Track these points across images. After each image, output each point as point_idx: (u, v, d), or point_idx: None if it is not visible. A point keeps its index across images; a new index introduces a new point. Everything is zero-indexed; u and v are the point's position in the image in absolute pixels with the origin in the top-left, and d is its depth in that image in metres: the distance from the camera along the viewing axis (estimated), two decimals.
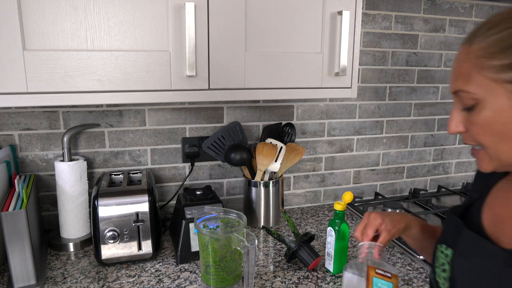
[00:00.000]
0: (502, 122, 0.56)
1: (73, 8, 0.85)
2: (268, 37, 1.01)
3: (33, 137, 1.21)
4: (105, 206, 1.04)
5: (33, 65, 0.84)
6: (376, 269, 0.70)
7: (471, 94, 0.58)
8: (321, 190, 1.57)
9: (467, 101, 0.59)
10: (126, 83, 0.91)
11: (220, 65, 0.97)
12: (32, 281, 0.97)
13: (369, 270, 0.70)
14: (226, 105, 1.37)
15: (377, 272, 0.70)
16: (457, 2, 1.57)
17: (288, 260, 1.10)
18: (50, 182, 1.25)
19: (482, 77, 0.56)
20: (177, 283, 1.01)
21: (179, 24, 0.92)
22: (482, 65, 0.56)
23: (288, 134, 1.39)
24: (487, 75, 0.56)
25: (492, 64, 0.55)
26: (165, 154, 1.34)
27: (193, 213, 1.11)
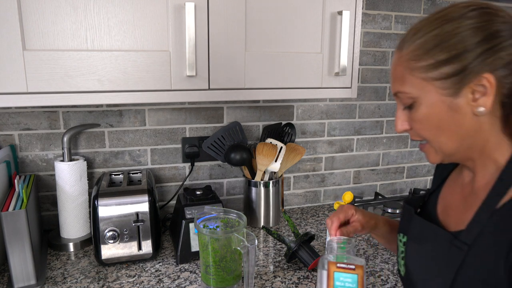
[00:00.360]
0: (437, 116, 0.62)
1: (73, 8, 0.85)
2: (268, 37, 1.01)
3: (33, 137, 1.21)
4: (105, 206, 1.04)
5: (33, 65, 0.84)
6: (337, 264, 0.69)
7: (407, 94, 0.65)
8: (321, 190, 1.57)
9: (405, 100, 0.66)
10: (126, 83, 0.91)
11: (220, 65, 0.97)
12: (32, 281, 0.97)
13: (330, 266, 0.69)
14: (226, 105, 1.37)
15: (338, 267, 0.69)
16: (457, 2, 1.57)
17: (288, 260, 1.10)
18: (50, 182, 1.25)
19: (414, 77, 0.63)
20: (177, 283, 1.01)
21: (179, 24, 0.92)
22: (412, 67, 0.63)
23: (288, 134, 1.39)
24: (417, 75, 0.62)
25: (420, 65, 0.62)
26: (165, 154, 1.34)
27: (193, 213, 1.11)
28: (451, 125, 0.62)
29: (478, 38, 0.58)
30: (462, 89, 0.59)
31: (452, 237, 0.63)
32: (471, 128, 0.62)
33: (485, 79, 0.58)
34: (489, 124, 0.61)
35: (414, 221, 0.73)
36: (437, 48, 0.60)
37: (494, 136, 0.62)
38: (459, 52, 0.59)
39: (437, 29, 0.61)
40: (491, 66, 0.58)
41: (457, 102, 0.60)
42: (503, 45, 0.58)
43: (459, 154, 0.65)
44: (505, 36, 0.58)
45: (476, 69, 0.58)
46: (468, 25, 0.59)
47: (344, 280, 0.68)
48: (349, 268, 0.68)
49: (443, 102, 0.61)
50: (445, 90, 0.61)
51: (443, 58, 0.60)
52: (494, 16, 0.59)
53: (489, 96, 0.59)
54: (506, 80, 0.59)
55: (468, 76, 0.59)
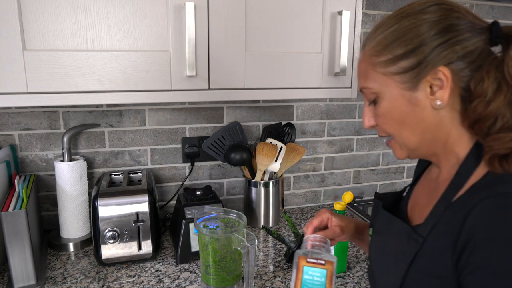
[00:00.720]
0: (398, 110, 0.64)
1: (73, 8, 0.85)
2: (268, 37, 1.00)
3: (33, 137, 1.21)
4: (105, 206, 1.04)
5: (33, 65, 0.84)
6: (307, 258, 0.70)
7: (370, 89, 0.66)
8: (321, 190, 1.57)
9: (369, 96, 0.67)
10: (126, 83, 0.91)
11: (220, 65, 0.97)
12: (32, 281, 0.97)
13: (300, 260, 0.70)
14: (226, 105, 1.37)
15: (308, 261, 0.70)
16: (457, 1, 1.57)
17: (288, 260, 1.10)
18: (50, 182, 1.25)
19: (375, 72, 0.64)
20: (177, 283, 1.01)
21: (179, 24, 0.92)
22: (374, 63, 0.64)
23: (288, 134, 1.39)
24: (378, 70, 0.64)
25: (380, 60, 0.63)
26: (165, 154, 1.34)
27: (193, 213, 1.11)
28: (412, 119, 0.63)
29: (434, 32, 0.59)
30: (420, 82, 0.61)
31: (411, 230, 0.64)
32: (432, 122, 0.62)
33: (441, 72, 0.59)
34: (449, 118, 0.62)
35: (380, 215, 0.74)
36: (395, 43, 0.61)
37: (455, 130, 0.63)
38: (415, 46, 0.60)
39: (395, 25, 0.62)
40: (447, 59, 0.59)
41: (416, 96, 0.61)
42: (458, 39, 0.59)
43: (422, 148, 0.66)
44: (460, 30, 0.59)
45: (432, 62, 0.59)
46: (424, 19, 0.60)
47: (312, 274, 0.68)
48: (319, 263, 0.69)
49: (403, 96, 0.62)
50: (404, 84, 0.62)
51: (400, 52, 0.61)
52: (450, 11, 0.60)
53: (445, 89, 0.60)
54: (463, 74, 0.59)
55: (424, 69, 0.60)
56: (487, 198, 0.54)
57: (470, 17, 0.61)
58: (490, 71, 0.58)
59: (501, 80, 0.57)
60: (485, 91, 0.57)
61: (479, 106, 0.58)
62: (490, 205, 0.53)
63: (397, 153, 0.69)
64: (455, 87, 0.60)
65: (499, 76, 0.57)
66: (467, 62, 0.59)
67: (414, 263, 0.62)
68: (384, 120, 0.66)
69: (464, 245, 0.54)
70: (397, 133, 0.66)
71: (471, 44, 0.59)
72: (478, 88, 0.58)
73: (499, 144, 0.56)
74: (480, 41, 0.59)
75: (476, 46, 0.59)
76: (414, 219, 0.70)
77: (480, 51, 0.59)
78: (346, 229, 0.84)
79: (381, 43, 0.63)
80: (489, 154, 0.57)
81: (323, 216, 0.84)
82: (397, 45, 0.61)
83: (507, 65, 0.56)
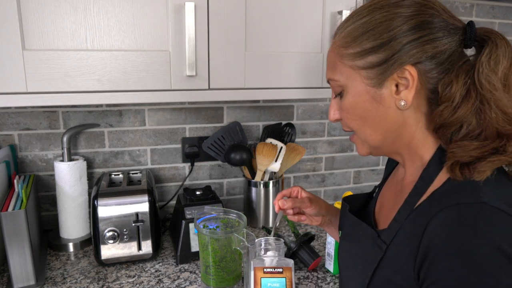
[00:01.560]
0: (362, 106, 0.61)
1: (73, 8, 0.85)
2: (268, 37, 1.00)
3: (32, 137, 1.21)
4: (105, 206, 1.04)
5: (32, 65, 0.84)
6: (263, 269, 0.67)
7: (337, 82, 0.63)
8: (321, 190, 1.57)
9: (336, 88, 0.64)
10: (126, 83, 0.91)
11: (220, 65, 0.97)
12: (32, 281, 0.97)
13: (256, 272, 0.67)
14: (226, 105, 1.37)
15: (265, 272, 0.67)
16: (458, 1, 1.57)
17: None
18: (50, 182, 1.25)
19: (343, 65, 0.61)
20: (177, 283, 1.01)
21: (179, 24, 0.92)
22: (342, 54, 0.61)
23: (288, 134, 1.39)
24: (346, 63, 0.61)
25: (348, 52, 0.60)
26: (165, 154, 1.34)
27: (193, 213, 1.10)
28: (375, 117, 0.60)
29: (405, 28, 0.56)
30: (386, 80, 0.58)
31: (376, 235, 0.62)
32: (395, 122, 0.60)
33: (408, 72, 0.56)
34: (414, 119, 0.59)
35: (347, 218, 0.72)
36: (364, 36, 0.58)
37: (419, 132, 0.60)
38: (384, 41, 0.56)
39: (367, 16, 0.59)
40: (415, 58, 0.55)
41: (380, 93, 0.59)
42: (429, 38, 0.55)
43: (385, 147, 0.63)
44: (432, 28, 0.56)
45: (400, 60, 0.56)
46: (396, 13, 0.56)
47: (271, 286, 0.66)
48: (276, 271, 0.67)
49: (368, 93, 0.59)
50: (369, 80, 0.59)
51: (369, 46, 0.58)
52: (425, 8, 0.57)
53: (410, 89, 0.57)
54: (430, 75, 0.57)
55: (391, 67, 0.56)
56: (446, 208, 0.51)
57: (446, 15, 0.58)
58: (460, 75, 0.55)
59: (470, 86, 0.54)
60: (452, 95, 0.55)
61: (446, 111, 0.55)
62: (448, 216, 0.50)
63: (359, 149, 0.67)
64: (421, 88, 0.57)
65: (468, 82, 0.54)
66: (436, 63, 0.56)
67: (377, 271, 0.59)
68: (348, 115, 0.64)
69: (423, 257, 0.51)
70: (359, 129, 0.64)
71: (442, 44, 0.56)
72: (446, 92, 0.55)
73: (462, 151, 0.53)
74: (452, 42, 0.56)
75: (447, 47, 0.56)
76: (380, 222, 0.68)
77: (451, 52, 0.56)
78: (315, 203, 0.84)
79: (351, 35, 0.60)
80: (451, 161, 0.54)
81: (293, 189, 0.86)
82: (366, 38, 0.58)
83: (478, 71, 0.53)
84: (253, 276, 0.67)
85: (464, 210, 0.50)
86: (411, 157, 0.63)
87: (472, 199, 0.50)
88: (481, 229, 0.47)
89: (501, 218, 0.48)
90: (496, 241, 0.46)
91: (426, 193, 0.57)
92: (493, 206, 0.49)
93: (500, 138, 0.53)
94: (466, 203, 0.50)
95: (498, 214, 0.48)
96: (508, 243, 0.46)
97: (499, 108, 0.53)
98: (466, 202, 0.50)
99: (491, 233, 0.47)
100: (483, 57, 0.53)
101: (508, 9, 1.65)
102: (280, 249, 0.73)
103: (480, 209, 0.49)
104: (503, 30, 1.66)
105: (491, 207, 0.49)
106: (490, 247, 0.46)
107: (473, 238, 0.47)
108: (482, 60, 0.53)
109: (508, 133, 0.53)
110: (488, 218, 0.48)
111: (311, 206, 0.83)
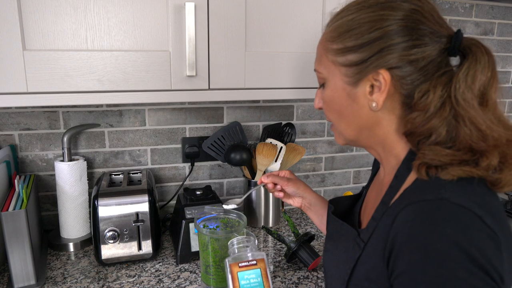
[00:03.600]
0: (338, 101, 0.63)
1: (73, 8, 0.85)
2: (268, 37, 1.00)
3: (33, 137, 1.21)
4: (105, 206, 1.04)
5: (33, 65, 0.84)
6: (238, 264, 0.72)
7: (320, 74, 0.66)
8: (321, 190, 1.57)
9: (320, 80, 0.67)
10: (126, 83, 0.91)
11: (220, 65, 0.97)
12: (32, 281, 0.97)
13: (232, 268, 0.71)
14: (226, 105, 1.37)
15: (240, 266, 0.71)
16: (457, 2, 1.57)
17: (288, 260, 1.10)
18: (50, 182, 1.25)
19: (327, 59, 0.63)
20: (177, 283, 1.01)
21: (179, 24, 0.92)
22: (327, 48, 0.63)
23: (288, 134, 1.39)
24: (329, 57, 0.62)
25: (332, 47, 0.61)
26: (165, 154, 1.34)
27: (193, 213, 1.11)
28: (349, 114, 0.62)
29: (387, 31, 0.56)
30: (361, 80, 0.59)
31: (356, 234, 0.63)
32: (369, 121, 0.61)
33: (381, 75, 0.57)
34: (388, 121, 0.60)
35: (330, 219, 0.73)
36: (347, 34, 0.59)
37: (392, 133, 0.61)
38: (364, 42, 0.57)
39: (353, 14, 0.59)
40: (390, 63, 0.56)
41: (355, 92, 0.60)
42: (410, 44, 0.55)
43: (360, 142, 0.65)
44: (415, 35, 0.55)
45: (375, 63, 0.57)
46: (381, 15, 0.57)
47: (248, 278, 0.71)
48: (251, 264, 0.72)
49: (344, 90, 0.61)
50: (347, 78, 0.60)
51: (350, 45, 0.59)
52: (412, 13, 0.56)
53: (382, 93, 0.57)
54: (406, 81, 0.57)
55: (367, 68, 0.57)
56: (409, 204, 0.52)
57: (433, 21, 0.57)
58: (438, 86, 0.55)
59: (446, 99, 0.54)
60: (427, 106, 0.55)
61: (418, 119, 0.56)
62: (410, 212, 0.51)
63: (336, 139, 0.70)
64: (395, 93, 0.58)
65: (445, 95, 0.54)
66: (415, 69, 0.56)
67: (356, 268, 0.61)
68: (327, 107, 0.67)
69: (390, 251, 0.53)
70: (335, 122, 0.67)
71: (423, 51, 0.55)
72: (422, 100, 0.55)
73: (432, 154, 0.54)
74: (434, 50, 0.56)
75: (428, 54, 0.55)
76: (364, 221, 0.69)
77: (431, 60, 0.56)
78: (292, 182, 0.90)
79: (336, 30, 0.61)
80: (419, 161, 0.55)
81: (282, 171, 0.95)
82: (349, 36, 0.59)
83: (455, 87, 0.53)
84: (230, 273, 0.72)
85: (424, 206, 0.51)
86: (386, 156, 0.64)
87: (433, 195, 0.51)
88: (439, 224, 0.48)
89: (460, 213, 0.49)
90: (453, 236, 0.47)
91: (399, 191, 0.58)
92: (453, 202, 0.49)
93: (472, 152, 0.53)
94: (427, 199, 0.51)
95: (457, 210, 0.49)
96: (466, 239, 0.47)
97: (474, 125, 0.53)
98: (427, 199, 0.51)
99: (448, 229, 0.48)
100: (461, 73, 0.53)
101: (507, 10, 1.65)
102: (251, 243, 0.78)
103: (440, 205, 0.50)
104: (502, 30, 1.67)
105: (451, 203, 0.49)
106: (447, 242, 0.47)
107: (431, 234, 0.48)
108: (460, 77, 0.53)
109: (481, 149, 0.53)
110: (447, 214, 0.49)
111: (288, 185, 0.90)
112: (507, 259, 0.49)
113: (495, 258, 0.47)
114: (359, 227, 0.69)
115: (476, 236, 0.48)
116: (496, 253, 0.48)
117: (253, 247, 0.77)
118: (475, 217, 0.48)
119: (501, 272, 0.47)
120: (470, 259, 0.46)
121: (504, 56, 1.70)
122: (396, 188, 0.59)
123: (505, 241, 0.50)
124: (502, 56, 1.70)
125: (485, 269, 0.46)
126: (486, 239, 0.48)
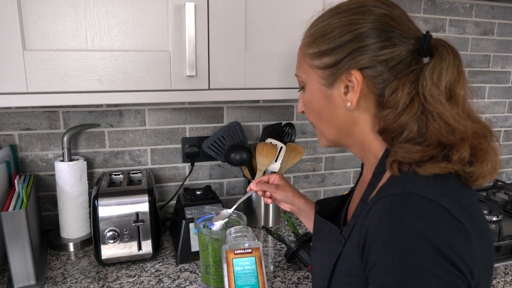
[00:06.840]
0: (317, 103, 0.66)
1: (73, 8, 0.85)
2: (268, 37, 1.01)
3: (33, 137, 1.21)
4: (105, 206, 1.04)
5: (33, 65, 0.84)
6: (234, 251, 0.74)
7: (300, 78, 0.69)
8: (321, 190, 1.57)
9: (300, 84, 0.70)
10: (126, 83, 0.91)
11: (220, 65, 0.97)
12: (32, 281, 0.97)
13: (228, 254, 0.74)
14: (226, 105, 1.37)
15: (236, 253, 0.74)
16: (457, 2, 1.57)
17: (288, 260, 1.10)
18: (50, 182, 1.25)
19: (305, 63, 0.67)
20: (177, 283, 1.01)
21: (179, 24, 0.92)
22: (304, 53, 0.66)
23: (288, 134, 1.39)
24: (307, 61, 0.66)
25: (309, 52, 0.65)
26: (165, 154, 1.34)
27: (193, 213, 1.11)
28: (327, 115, 0.65)
29: (357, 34, 0.59)
30: (336, 81, 0.62)
31: (338, 232, 0.65)
32: (346, 121, 0.64)
33: (354, 76, 0.59)
34: (363, 120, 0.63)
35: (316, 219, 0.75)
36: (322, 38, 0.63)
37: (369, 132, 0.63)
38: (336, 45, 0.60)
39: (327, 20, 0.63)
40: (362, 64, 0.59)
41: (331, 93, 0.63)
42: (380, 45, 0.58)
43: (341, 141, 0.68)
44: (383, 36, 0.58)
45: (347, 64, 0.60)
46: (352, 20, 0.60)
47: (242, 264, 0.73)
48: (246, 252, 0.74)
49: (321, 91, 0.65)
50: (323, 80, 0.63)
51: (324, 48, 0.62)
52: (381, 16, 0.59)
53: (355, 93, 0.60)
54: (376, 80, 0.59)
55: (340, 69, 0.61)
56: (380, 199, 0.54)
57: (402, 24, 0.60)
58: (406, 84, 0.57)
59: (414, 96, 0.56)
60: (397, 103, 0.57)
61: (389, 116, 0.58)
62: (380, 206, 0.54)
63: (319, 140, 0.72)
64: (368, 92, 0.60)
65: (413, 92, 0.57)
66: (384, 69, 0.59)
67: (337, 264, 0.63)
68: (307, 110, 0.70)
69: (363, 245, 0.55)
70: (316, 124, 0.70)
71: (391, 52, 0.58)
72: (391, 98, 0.58)
73: (404, 152, 0.56)
74: (403, 50, 0.58)
75: (396, 54, 0.58)
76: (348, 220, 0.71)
77: (400, 60, 0.58)
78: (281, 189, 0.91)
79: (312, 36, 0.65)
80: (391, 158, 0.57)
81: (272, 176, 0.95)
82: (323, 41, 0.62)
83: (422, 84, 0.56)
84: (225, 259, 0.74)
85: (392, 200, 0.53)
86: (366, 155, 0.66)
87: (401, 190, 0.53)
88: (405, 217, 0.50)
89: (427, 206, 0.50)
90: (419, 228, 0.49)
91: (376, 189, 0.61)
92: (420, 195, 0.51)
93: (441, 147, 0.55)
94: (395, 193, 0.53)
95: (424, 203, 0.50)
96: (432, 230, 0.48)
97: (442, 119, 0.54)
98: (395, 193, 0.53)
99: (414, 221, 0.49)
100: (427, 71, 0.56)
101: (507, 9, 1.65)
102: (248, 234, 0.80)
103: (407, 198, 0.52)
104: (502, 30, 1.67)
105: (418, 196, 0.51)
106: (413, 234, 0.49)
107: (398, 226, 0.50)
108: (426, 74, 0.55)
109: (451, 143, 0.54)
110: (413, 207, 0.51)
111: (276, 192, 0.91)
112: (480, 252, 0.51)
113: (464, 250, 0.49)
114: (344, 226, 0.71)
115: (443, 228, 0.49)
116: (464, 245, 0.49)
117: (250, 237, 0.80)
118: (442, 209, 0.50)
119: (470, 264, 0.49)
120: (435, 251, 0.47)
121: (504, 56, 1.70)
122: (374, 186, 0.61)
123: (477, 234, 0.51)
124: (502, 56, 1.70)
125: (451, 260, 0.47)
126: (453, 231, 0.49)
